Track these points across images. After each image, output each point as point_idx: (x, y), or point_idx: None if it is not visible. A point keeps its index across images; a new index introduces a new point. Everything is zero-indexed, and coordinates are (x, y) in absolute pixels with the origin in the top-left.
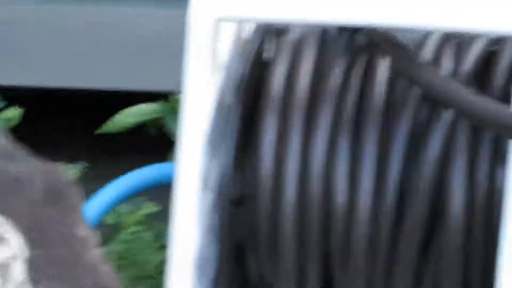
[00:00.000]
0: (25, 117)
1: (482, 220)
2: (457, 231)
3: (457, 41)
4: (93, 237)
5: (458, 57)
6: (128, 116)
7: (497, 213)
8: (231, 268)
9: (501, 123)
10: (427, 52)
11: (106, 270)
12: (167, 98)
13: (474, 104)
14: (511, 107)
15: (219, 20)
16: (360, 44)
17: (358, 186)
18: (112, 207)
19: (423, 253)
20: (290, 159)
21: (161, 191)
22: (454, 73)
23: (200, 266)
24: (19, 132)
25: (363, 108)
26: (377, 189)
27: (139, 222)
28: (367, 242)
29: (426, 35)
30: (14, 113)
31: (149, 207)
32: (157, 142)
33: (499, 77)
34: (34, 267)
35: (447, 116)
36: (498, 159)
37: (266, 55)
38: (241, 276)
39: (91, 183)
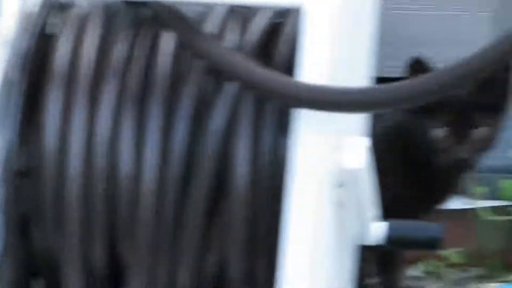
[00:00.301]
0: None
1: (266, 189)
2: (242, 200)
3: (241, 14)
4: None
5: (242, 29)
6: None
7: (281, 183)
8: (17, 241)
9: (284, 93)
10: (212, 25)
11: None
12: None
13: (258, 75)
14: (294, 77)
15: None
16: (145, 18)
17: (143, 158)
18: None
19: (209, 222)
20: (74, 134)
21: None
22: (239, 46)
23: None
24: None
25: (148, 82)
26: (163, 161)
27: None
28: (153, 213)
29: (210, 8)
30: None
31: None
32: None
33: (282, 48)
34: None
35: (231, 88)
36: (281, 130)
37: (50, 30)
38: (27, 249)
39: None
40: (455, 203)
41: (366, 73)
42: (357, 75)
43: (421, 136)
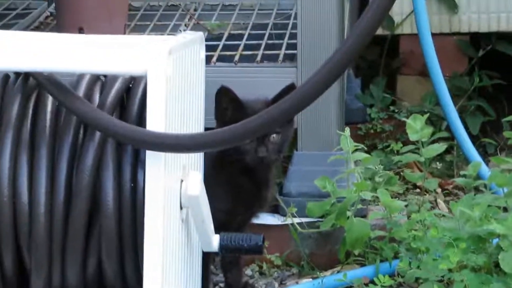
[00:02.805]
0: None
1: (129, 211)
2: (111, 220)
3: (102, 81)
4: None
5: (104, 92)
6: None
7: (140, 205)
8: None
9: (137, 139)
10: (81, 89)
11: None
12: None
13: (116, 126)
14: (146, 128)
15: None
16: (32, 85)
17: (36, 189)
18: None
19: (88, 233)
20: None
21: None
22: (101, 105)
23: None
24: None
25: (37, 132)
26: (50, 191)
27: None
28: (45, 228)
29: (79, 76)
30: None
31: None
32: None
33: (134, 106)
34: None
35: (98, 135)
36: (139, 165)
37: None
38: None
39: None
40: (275, 220)
41: (198, 122)
42: (191, 123)
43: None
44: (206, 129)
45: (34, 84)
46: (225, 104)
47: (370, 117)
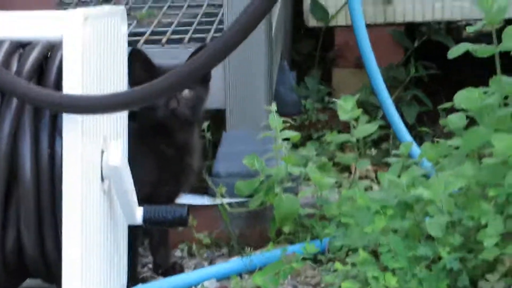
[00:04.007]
0: None
1: (47, 180)
2: (29, 189)
3: (21, 51)
4: None
5: (21, 60)
6: None
7: (59, 174)
8: None
9: (51, 102)
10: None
11: None
12: None
13: (32, 92)
14: (62, 92)
15: None
16: None
17: None
18: None
19: (7, 206)
20: None
21: None
22: (18, 72)
23: None
24: None
25: None
26: None
27: None
28: None
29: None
30: None
31: None
32: None
33: (52, 73)
34: None
35: (14, 105)
36: (56, 131)
37: None
38: None
39: None
40: (204, 200)
41: (118, 83)
42: (108, 85)
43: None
44: None
45: None
46: (138, 66)
47: (305, 109)
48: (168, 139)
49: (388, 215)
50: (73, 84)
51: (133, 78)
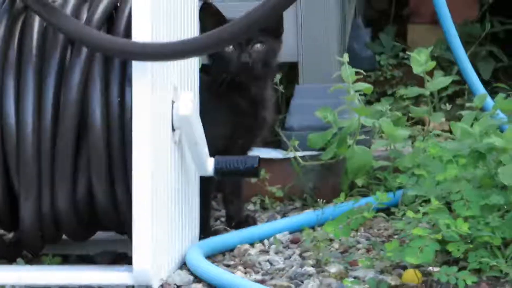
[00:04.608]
0: None
1: (117, 128)
2: (99, 137)
3: (90, 1)
4: None
5: (91, 10)
6: None
7: (128, 120)
8: None
9: (120, 50)
10: (68, 8)
11: None
12: None
13: (102, 40)
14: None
15: None
16: (19, 8)
17: (23, 110)
18: None
19: (77, 154)
20: None
21: None
22: (88, 21)
23: None
24: None
25: (23, 52)
26: (38, 111)
27: None
28: (33, 149)
29: None
30: None
31: None
32: None
33: (122, 22)
34: None
35: (85, 53)
36: (126, 81)
37: None
38: None
39: None
40: (277, 154)
41: (188, 32)
42: (178, 34)
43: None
44: None
45: (21, 7)
46: (209, 20)
47: (379, 65)
48: (242, 92)
49: (461, 164)
50: (142, 32)
51: (204, 32)
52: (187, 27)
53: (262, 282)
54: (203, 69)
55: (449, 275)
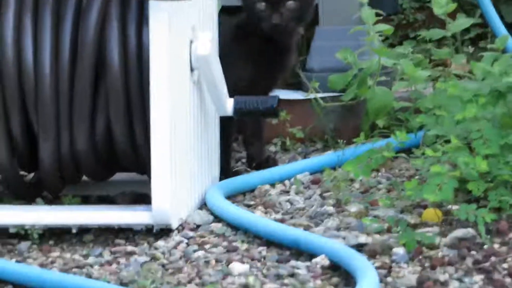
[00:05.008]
0: None
1: (135, 68)
2: (117, 77)
3: None
4: None
5: None
6: None
7: (146, 63)
8: None
9: None
10: None
11: None
12: None
13: None
14: None
15: None
16: None
17: (41, 49)
18: None
19: (95, 93)
20: None
21: None
22: None
23: None
24: None
25: None
26: (55, 51)
27: None
28: (51, 88)
29: None
30: None
31: None
32: None
33: None
34: None
35: None
36: (143, 20)
37: None
38: None
39: None
40: (298, 95)
41: None
42: None
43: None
44: None
45: None
46: None
47: (402, 8)
48: (269, 42)
49: (481, 103)
50: None
51: None
52: None
53: (281, 221)
54: (225, 11)
55: (468, 213)
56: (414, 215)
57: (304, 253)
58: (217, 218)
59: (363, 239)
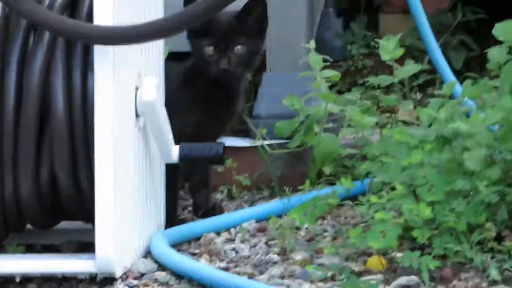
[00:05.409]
0: None
1: (80, 114)
2: (62, 123)
3: None
4: None
5: None
6: None
7: (91, 106)
8: None
9: (82, 34)
10: None
11: None
12: None
13: (64, 24)
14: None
15: None
16: None
17: None
18: None
19: (40, 140)
20: None
21: None
22: (50, 6)
23: None
24: None
25: None
26: (0, 94)
27: None
28: None
29: None
30: None
31: None
32: None
33: (84, 5)
34: None
35: (47, 39)
36: (88, 65)
37: None
38: None
39: None
40: (245, 142)
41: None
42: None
43: (200, 60)
44: None
45: None
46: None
47: (350, 54)
48: (218, 87)
49: (426, 150)
50: (104, 16)
51: None
52: (151, 10)
53: (226, 269)
54: (173, 57)
55: (412, 260)
56: (359, 262)
57: None
58: (162, 267)
59: (307, 287)
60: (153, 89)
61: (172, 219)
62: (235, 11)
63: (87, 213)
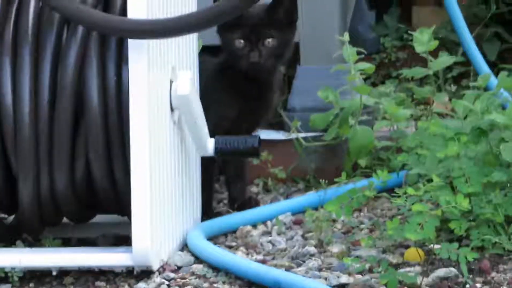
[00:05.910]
0: None
1: (115, 108)
2: (96, 116)
3: None
4: None
5: None
6: None
7: (126, 100)
8: None
9: (116, 28)
10: None
11: None
12: None
13: (97, 18)
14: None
15: None
16: None
17: (19, 90)
18: None
19: (75, 134)
20: None
21: None
22: (84, 0)
23: None
24: None
25: (19, 32)
26: (34, 91)
27: None
28: (30, 129)
29: None
30: None
31: None
32: None
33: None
34: None
35: (80, 33)
36: (122, 59)
37: None
38: None
39: None
40: (280, 135)
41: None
42: (176, 11)
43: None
44: None
45: None
46: None
47: (384, 47)
48: (251, 80)
49: (462, 141)
50: (138, 10)
51: None
52: (185, 3)
53: (263, 262)
54: (208, 50)
55: (450, 252)
56: (396, 254)
57: None
58: (198, 259)
59: (344, 279)
60: (188, 82)
61: (208, 212)
62: (265, 4)
63: (122, 206)
